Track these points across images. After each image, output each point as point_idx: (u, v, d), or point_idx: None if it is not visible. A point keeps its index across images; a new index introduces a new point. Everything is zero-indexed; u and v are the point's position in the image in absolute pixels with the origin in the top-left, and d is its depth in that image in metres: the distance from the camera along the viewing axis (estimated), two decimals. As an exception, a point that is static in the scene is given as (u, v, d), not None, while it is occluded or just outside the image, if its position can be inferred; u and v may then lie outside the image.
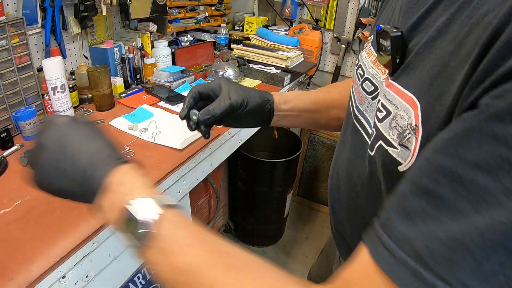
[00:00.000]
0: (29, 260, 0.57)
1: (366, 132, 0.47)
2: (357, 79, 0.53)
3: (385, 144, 0.39)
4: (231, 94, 0.60)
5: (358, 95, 0.51)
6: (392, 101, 0.39)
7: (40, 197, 0.71)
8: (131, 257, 0.80)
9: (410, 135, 0.34)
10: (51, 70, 0.96)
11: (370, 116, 0.47)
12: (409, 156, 0.35)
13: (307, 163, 2.26)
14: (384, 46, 0.41)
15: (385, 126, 0.39)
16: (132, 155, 0.87)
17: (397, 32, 0.38)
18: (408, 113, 0.35)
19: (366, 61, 0.51)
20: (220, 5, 1.76)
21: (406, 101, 0.36)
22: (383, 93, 0.42)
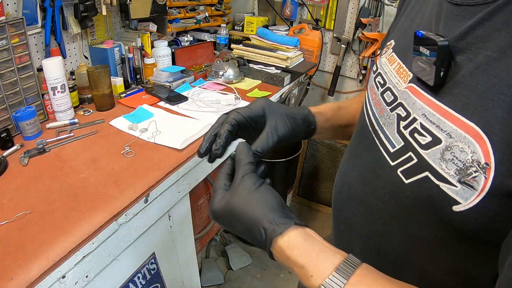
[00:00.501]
0: (29, 260, 0.57)
1: (385, 149, 0.44)
2: (376, 87, 0.50)
3: (434, 177, 0.35)
4: (278, 126, 0.52)
5: (378, 106, 0.48)
6: (439, 125, 0.35)
7: (40, 197, 0.71)
8: (131, 257, 0.80)
9: (478, 173, 0.31)
10: (51, 70, 0.96)
11: (389, 130, 0.43)
12: (473, 195, 0.31)
13: (307, 163, 2.26)
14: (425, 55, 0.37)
15: (434, 156, 0.35)
16: (132, 155, 0.87)
17: (444, 41, 0.34)
18: (472, 147, 0.32)
19: (388, 68, 0.48)
20: (220, 5, 1.76)
21: (466, 131, 0.32)
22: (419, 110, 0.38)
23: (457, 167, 0.33)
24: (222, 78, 1.40)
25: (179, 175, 0.86)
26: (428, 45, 0.36)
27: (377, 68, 0.52)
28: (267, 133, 0.50)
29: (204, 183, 1.53)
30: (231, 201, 0.41)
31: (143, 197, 0.76)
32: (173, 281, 1.02)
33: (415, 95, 0.39)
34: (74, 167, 0.81)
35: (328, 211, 2.26)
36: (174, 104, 1.17)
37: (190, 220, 1.04)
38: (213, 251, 1.93)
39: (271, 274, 1.83)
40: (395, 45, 0.50)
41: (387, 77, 0.47)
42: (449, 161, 0.33)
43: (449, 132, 0.34)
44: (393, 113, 0.43)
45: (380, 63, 0.51)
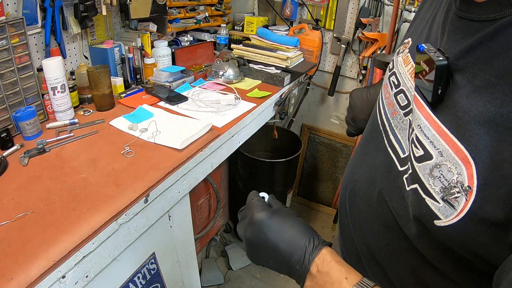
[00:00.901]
0: (29, 260, 0.57)
1: (395, 153, 0.44)
2: (390, 87, 0.50)
3: (422, 192, 0.36)
4: None
5: (391, 107, 0.48)
6: (432, 141, 0.36)
7: (40, 197, 0.71)
8: (131, 257, 0.80)
9: (460, 194, 0.32)
10: (51, 70, 0.96)
11: (402, 135, 0.44)
12: (453, 214, 0.33)
13: (307, 163, 2.26)
14: (425, 70, 0.37)
15: (423, 171, 0.36)
16: (132, 155, 0.87)
17: (443, 60, 0.34)
18: (458, 169, 0.32)
19: (402, 69, 0.47)
20: (220, 5, 1.76)
21: (455, 152, 0.33)
22: (418, 121, 0.38)
23: (442, 185, 0.34)
24: (222, 78, 1.40)
25: (179, 175, 0.86)
26: (427, 61, 0.36)
27: (393, 67, 0.52)
28: None
29: (204, 183, 1.53)
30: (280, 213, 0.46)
31: (143, 197, 0.76)
32: (173, 281, 1.02)
33: (415, 104, 0.40)
34: (74, 167, 0.81)
35: (328, 211, 2.26)
36: (174, 104, 1.17)
37: (190, 220, 1.04)
38: (213, 251, 1.93)
39: (271, 274, 1.83)
40: (412, 45, 0.49)
41: (401, 78, 0.47)
42: (436, 178, 0.34)
43: (441, 151, 0.35)
44: (407, 118, 0.43)
45: (396, 62, 0.51)
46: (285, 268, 0.44)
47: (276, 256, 0.43)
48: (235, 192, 1.87)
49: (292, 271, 0.43)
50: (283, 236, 0.43)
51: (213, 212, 1.67)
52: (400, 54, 0.52)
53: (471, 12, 0.35)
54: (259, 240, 0.45)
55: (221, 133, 1.02)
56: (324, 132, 2.13)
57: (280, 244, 0.43)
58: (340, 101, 2.02)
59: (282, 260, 0.43)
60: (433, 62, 0.35)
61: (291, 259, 0.42)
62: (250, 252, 0.47)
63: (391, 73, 0.51)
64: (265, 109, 1.29)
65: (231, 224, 2.00)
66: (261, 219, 0.45)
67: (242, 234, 0.48)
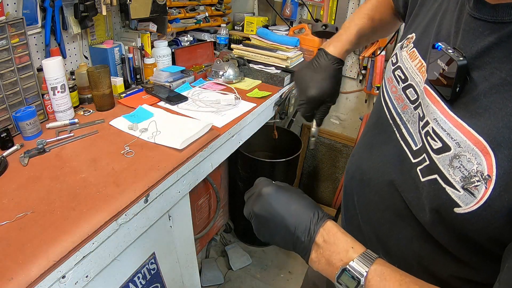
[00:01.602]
0: (29, 260, 0.57)
1: (407, 145, 0.46)
2: (396, 81, 0.51)
3: (442, 181, 0.38)
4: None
5: (401, 102, 0.49)
6: (449, 133, 0.38)
7: (40, 197, 0.71)
8: (131, 257, 0.80)
9: (480, 183, 0.34)
10: (51, 70, 0.96)
11: (413, 128, 0.45)
12: (473, 202, 0.35)
13: (307, 163, 2.26)
14: (442, 69, 0.39)
15: (443, 162, 0.38)
16: (132, 155, 0.87)
17: (463, 60, 0.36)
18: (478, 159, 0.35)
19: (409, 64, 0.49)
20: (220, 5, 1.76)
21: (474, 143, 0.35)
22: (433, 115, 0.40)
23: (462, 174, 0.36)
24: (222, 78, 1.40)
25: (179, 175, 0.86)
26: (446, 60, 0.38)
27: (397, 61, 0.53)
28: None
29: (204, 183, 1.53)
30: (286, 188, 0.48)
31: (143, 197, 0.76)
32: (173, 281, 1.02)
33: (429, 98, 0.42)
34: (74, 167, 0.81)
35: (328, 211, 2.26)
36: (174, 104, 1.17)
37: (190, 220, 1.04)
38: (213, 251, 1.93)
39: (271, 274, 1.83)
40: (416, 40, 0.51)
41: (409, 73, 0.49)
42: (456, 168, 0.36)
43: (459, 142, 0.36)
44: (416, 111, 0.45)
45: (400, 56, 0.52)
46: (291, 241, 0.45)
47: (282, 228, 0.45)
48: (235, 192, 1.87)
49: (297, 243, 0.44)
50: (289, 208, 0.45)
51: (213, 212, 1.67)
52: (404, 48, 0.52)
53: (486, 14, 0.36)
54: (266, 212, 0.46)
55: (221, 133, 1.02)
56: (324, 132, 2.13)
57: (287, 216, 0.45)
58: (340, 101, 2.02)
59: (288, 232, 0.44)
60: (453, 61, 0.36)
61: (297, 231, 0.44)
62: (257, 226, 0.48)
63: (396, 67, 0.52)
64: (265, 109, 1.29)
65: (231, 224, 2.00)
66: (269, 192, 0.47)
67: (249, 211, 0.49)
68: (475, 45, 0.37)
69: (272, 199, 0.47)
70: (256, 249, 1.97)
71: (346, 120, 2.05)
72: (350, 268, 0.39)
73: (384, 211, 0.51)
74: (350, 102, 1.99)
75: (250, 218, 0.50)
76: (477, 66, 0.36)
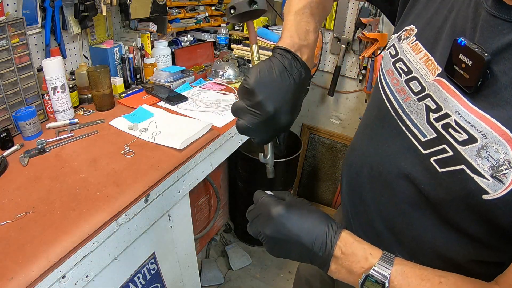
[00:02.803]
0: (29, 260, 0.57)
1: (414, 137, 0.47)
2: (398, 73, 0.51)
3: (470, 171, 0.40)
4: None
5: (403, 94, 0.50)
6: (474, 125, 0.40)
7: (40, 197, 0.71)
8: (131, 257, 0.80)
9: (508, 171, 0.37)
10: (51, 70, 0.96)
11: (418, 119, 0.47)
12: (501, 189, 0.38)
13: (307, 163, 2.26)
14: (465, 63, 0.40)
15: (470, 153, 0.40)
16: (132, 155, 0.87)
17: (488, 57, 0.38)
18: (505, 149, 0.37)
19: (412, 57, 0.50)
20: (220, 5, 1.76)
21: (500, 134, 0.37)
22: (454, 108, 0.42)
23: (491, 164, 0.38)
24: (222, 78, 1.40)
25: (179, 175, 0.86)
26: (470, 55, 0.39)
27: (397, 53, 0.52)
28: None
29: (204, 183, 1.53)
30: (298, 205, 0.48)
31: (143, 197, 0.76)
32: (173, 281, 1.02)
33: (446, 91, 0.43)
34: (74, 167, 0.81)
35: (328, 211, 2.26)
36: (174, 104, 1.17)
37: (190, 220, 1.04)
38: (213, 251, 1.93)
39: (271, 274, 1.83)
40: (418, 33, 0.51)
41: (413, 66, 0.49)
42: (484, 158, 0.39)
43: (485, 133, 0.39)
44: (421, 103, 0.46)
45: (401, 48, 0.52)
46: (307, 256, 0.46)
47: (298, 246, 0.46)
48: (235, 192, 1.87)
49: (316, 258, 0.46)
50: (303, 226, 0.46)
51: (213, 212, 1.67)
52: (404, 40, 0.52)
53: (505, 13, 0.39)
54: (280, 233, 0.46)
55: (221, 133, 1.02)
56: (324, 132, 2.13)
57: (302, 234, 0.45)
58: (340, 101, 2.02)
59: (305, 249, 0.45)
60: (479, 58, 0.38)
61: (314, 247, 0.45)
62: (271, 247, 0.48)
63: (396, 59, 0.52)
64: (265, 109, 1.29)
65: (231, 224, 2.00)
66: (280, 213, 0.46)
67: (258, 232, 0.49)
68: (494, 42, 0.39)
69: (285, 219, 0.46)
70: (256, 249, 1.97)
71: (346, 120, 2.05)
72: (373, 273, 0.42)
73: (397, 204, 0.51)
74: (350, 102, 1.99)
75: (260, 238, 0.49)
76: (497, 61, 0.39)
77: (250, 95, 0.46)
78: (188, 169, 0.90)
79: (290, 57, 0.48)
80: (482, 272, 0.45)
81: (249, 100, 0.46)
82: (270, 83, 0.46)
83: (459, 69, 0.41)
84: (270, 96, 0.46)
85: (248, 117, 0.47)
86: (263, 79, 0.46)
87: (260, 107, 0.46)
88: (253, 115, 0.47)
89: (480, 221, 0.42)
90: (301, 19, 0.53)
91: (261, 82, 0.46)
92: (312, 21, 0.55)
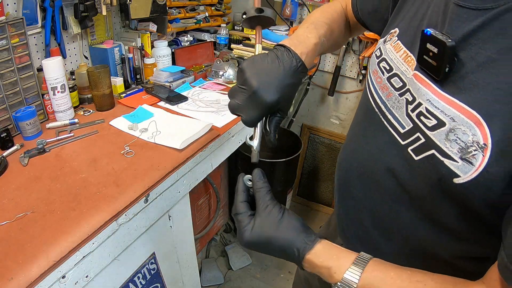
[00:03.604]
0: (29, 260, 0.57)
1: (395, 129, 0.49)
2: (381, 72, 0.53)
3: (440, 154, 0.41)
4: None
5: (385, 90, 0.52)
6: (443, 110, 0.40)
7: (40, 197, 0.71)
8: (131, 257, 0.80)
9: (477, 152, 0.37)
10: (51, 70, 0.96)
11: (399, 113, 0.48)
12: (471, 170, 0.38)
13: (307, 163, 2.26)
14: (432, 52, 0.41)
15: (439, 137, 0.41)
16: (132, 155, 0.87)
17: (452, 42, 0.39)
18: (472, 130, 0.37)
19: (393, 55, 0.52)
20: (220, 5, 1.76)
21: (468, 117, 0.38)
22: (425, 96, 0.43)
23: (459, 146, 0.38)
24: (222, 78, 1.40)
25: (179, 175, 0.86)
26: (436, 43, 0.41)
27: (381, 54, 0.55)
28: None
29: (204, 183, 1.53)
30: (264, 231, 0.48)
31: (143, 197, 0.76)
32: (173, 281, 1.02)
33: (419, 82, 0.44)
34: (74, 167, 0.81)
35: (328, 211, 2.26)
36: (174, 104, 1.17)
37: (190, 220, 1.04)
38: (213, 251, 1.94)
39: (271, 274, 1.83)
40: (400, 33, 0.53)
41: (393, 63, 0.51)
42: (452, 141, 0.39)
43: (453, 117, 0.39)
44: (402, 98, 0.48)
45: (384, 49, 0.55)
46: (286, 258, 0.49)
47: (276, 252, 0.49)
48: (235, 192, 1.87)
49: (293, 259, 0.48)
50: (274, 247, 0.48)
51: (213, 212, 1.67)
52: (387, 42, 0.55)
53: (470, 2, 0.40)
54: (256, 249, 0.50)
55: (221, 133, 1.02)
56: (324, 132, 2.13)
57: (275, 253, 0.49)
58: (340, 101, 2.02)
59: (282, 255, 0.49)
60: (443, 43, 0.39)
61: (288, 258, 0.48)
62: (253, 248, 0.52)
63: (380, 59, 0.55)
64: (265, 109, 1.29)
65: (231, 224, 2.00)
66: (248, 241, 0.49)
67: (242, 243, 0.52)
68: (461, 29, 0.40)
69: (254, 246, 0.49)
70: (256, 249, 1.97)
71: (346, 120, 2.05)
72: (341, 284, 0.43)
73: (383, 198, 0.53)
74: (350, 102, 1.99)
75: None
76: (463, 47, 0.40)
77: (240, 74, 0.51)
78: (188, 169, 0.90)
79: (283, 49, 0.53)
80: (471, 270, 0.45)
81: (239, 79, 0.51)
82: (259, 65, 0.51)
83: (428, 58, 0.42)
84: (257, 74, 0.50)
85: (238, 94, 0.51)
86: (254, 62, 0.51)
87: (246, 83, 0.50)
88: (241, 91, 0.51)
89: (458, 212, 0.42)
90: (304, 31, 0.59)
91: (251, 64, 0.51)
92: (315, 31, 0.59)
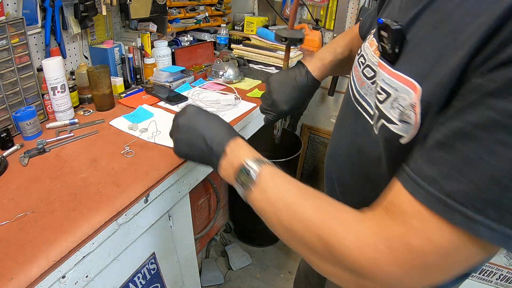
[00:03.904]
0: (29, 260, 0.57)
1: (368, 114, 0.53)
2: (359, 66, 0.59)
3: (386, 122, 0.45)
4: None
5: (359, 80, 0.57)
6: (391, 84, 0.45)
7: (40, 197, 0.71)
8: (131, 257, 0.80)
9: (410, 111, 0.41)
10: (51, 70, 0.96)
11: (371, 98, 0.53)
12: (411, 129, 0.41)
13: (307, 163, 2.26)
14: (385, 37, 0.46)
15: (386, 107, 0.45)
16: (132, 155, 0.87)
17: (397, 25, 0.44)
18: (410, 95, 0.41)
19: (369, 50, 0.56)
20: (220, 5, 1.76)
21: (407, 84, 0.42)
22: (381, 77, 0.47)
23: (400, 111, 0.43)
24: (222, 78, 1.40)
25: (179, 175, 0.86)
26: (385, 29, 0.46)
27: (361, 51, 0.61)
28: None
29: (204, 183, 1.53)
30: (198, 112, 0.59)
31: (143, 197, 0.76)
32: (173, 281, 1.02)
33: (380, 68, 0.49)
34: (74, 167, 0.81)
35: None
36: (174, 104, 1.17)
37: (190, 220, 1.04)
38: (213, 251, 1.94)
39: (271, 274, 1.83)
40: (374, 32, 0.59)
41: (368, 57, 0.56)
42: (395, 108, 0.43)
43: (396, 88, 0.44)
44: (374, 85, 0.52)
45: (363, 47, 0.61)
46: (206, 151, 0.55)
47: (200, 138, 0.55)
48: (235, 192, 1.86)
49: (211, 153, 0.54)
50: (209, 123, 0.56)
51: (213, 212, 1.67)
52: (367, 40, 0.61)
53: None
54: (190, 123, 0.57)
55: (221, 133, 1.02)
56: (324, 132, 2.13)
57: (206, 129, 0.55)
58: (340, 101, 2.02)
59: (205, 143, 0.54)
60: (389, 27, 0.44)
61: (213, 142, 0.54)
62: (179, 139, 0.58)
63: (359, 56, 0.60)
64: (265, 109, 1.29)
65: (231, 224, 2.00)
66: (195, 109, 0.59)
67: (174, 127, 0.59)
68: (409, 14, 0.45)
69: (197, 113, 0.58)
70: (256, 249, 1.97)
71: (346, 120, 2.05)
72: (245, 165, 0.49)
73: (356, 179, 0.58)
74: (350, 102, 1.99)
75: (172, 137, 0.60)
76: (410, 30, 0.44)
77: (267, 85, 0.76)
78: (188, 169, 0.90)
79: (301, 66, 0.76)
80: None
81: (266, 88, 0.77)
82: (280, 79, 0.75)
83: (382, 44, 0.47)
84: (276, 88, 0.75)
85: (264, 101, 0.78)
86: (278, 76, 0.76)
87: (269, 94, 0.76)
88: (265, 99, 0.77)
89: None
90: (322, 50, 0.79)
91: (275, 78, 0.76)
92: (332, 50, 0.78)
